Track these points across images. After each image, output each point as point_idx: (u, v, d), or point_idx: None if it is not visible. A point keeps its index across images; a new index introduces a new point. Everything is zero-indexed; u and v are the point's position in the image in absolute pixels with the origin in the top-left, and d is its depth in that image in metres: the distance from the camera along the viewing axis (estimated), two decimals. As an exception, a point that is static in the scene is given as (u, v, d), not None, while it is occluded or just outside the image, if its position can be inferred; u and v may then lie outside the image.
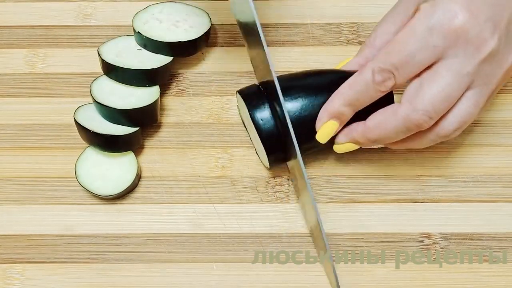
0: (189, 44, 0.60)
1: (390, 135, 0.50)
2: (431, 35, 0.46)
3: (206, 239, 0.55)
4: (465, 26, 0.46)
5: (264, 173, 0.57)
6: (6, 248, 0.55)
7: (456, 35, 0.46)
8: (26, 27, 0.66)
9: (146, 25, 0.61)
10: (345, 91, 0.50)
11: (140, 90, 0.58)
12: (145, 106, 0.56)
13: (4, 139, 0.59)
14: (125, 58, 0.59)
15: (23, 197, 0.57)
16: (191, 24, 0.61)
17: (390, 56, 0.47)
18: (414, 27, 0.47)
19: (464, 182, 0.56)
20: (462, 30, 0.46)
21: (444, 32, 0.46)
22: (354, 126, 0.52)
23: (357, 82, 0.49)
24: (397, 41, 0.47)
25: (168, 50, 0.59)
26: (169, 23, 0.61)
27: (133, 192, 0.57)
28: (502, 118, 0.59)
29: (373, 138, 0.51)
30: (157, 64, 0.58)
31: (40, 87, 0.62)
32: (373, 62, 0.49)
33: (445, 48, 0.46)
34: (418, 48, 0.47)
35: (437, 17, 0.46)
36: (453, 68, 0.47)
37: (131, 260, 0.54)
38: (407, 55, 0.47)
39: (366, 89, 0.49)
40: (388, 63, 0.48)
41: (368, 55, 0.53)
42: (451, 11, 0.46)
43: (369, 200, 0.56)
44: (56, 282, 0.53)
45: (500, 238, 0.54)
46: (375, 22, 0.56)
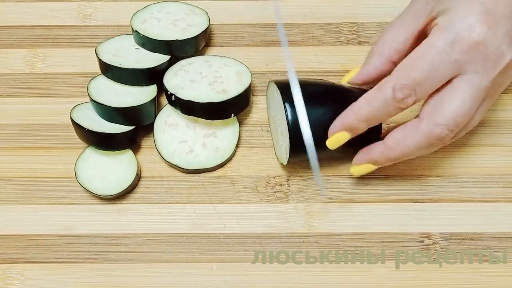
0: (186, 42, 0.59)
1: (411, 152, 0.49)
2: (452, 50, 0.46)
3: (206, 239, 0.55)
4: (484, 41, 0.46)
5: (264, 173, 0.57)
6: (6, 248, 0.55)
7: (476, 50, 0.46)
8: (26, 27, 0.66)
9: (144, 24, 0.61)
10: (362, 106, 0.49)
11: (138, 89, 0.58)
12: (141, 104, 0.56)
13: (4, 139, 0.59)
14: (122, 57, 0.59)
15: (23, 197, 0.57)
16: (189, 23, 0.61)
17: (411, 72, 0.47)
18: (434, 41, 0.47)
19: (464, 182, 0.56)
20: (482, 44, 0.46)
21: (464, 47, 0.46)
22: (372, 147, 0.51)
23: (375, 98, 0.48)
24: (416, 56, 0.47)
25: (165, 49, 0.59)
26: (167, 22, 0.61)
27: (133, 192, 0.57)
28: (502, 118, 0.59)
29: (394, 157, 0.50)
30: (154, 63, 0.58)
31: (40, 87, 0.62)
32: (392, 78, 0.48)
33: (465, 63, 0.46)
34: (439, 63, 0.46)
35: (456, 31, 0.46)
36: (473, 83, 0.47)
37: (131, 260, 0.54)
38: (429, 70, 0.46)
39: (385, 106, 0.48)
40: (409, 79, 0.47)
41: (376, 64, 0.52)
42: (469, 25, 0.46)
43: (369, 200, 0.56)
44: (56, 282, 0.53)
45: (500, 238, 0.54)
46: (375, 22, 0.56)
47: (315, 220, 0.55)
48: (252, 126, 0.60)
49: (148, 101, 0.57)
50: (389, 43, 0.51)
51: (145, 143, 0.59)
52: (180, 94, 0.57)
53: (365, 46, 0.63)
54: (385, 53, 0.51)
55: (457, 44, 0.46)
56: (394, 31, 0.52)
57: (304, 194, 0.56)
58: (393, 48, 0.51)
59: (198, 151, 0.57)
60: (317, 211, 0.55)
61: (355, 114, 0.49)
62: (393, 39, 0.51)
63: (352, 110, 0.50)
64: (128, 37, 0.61)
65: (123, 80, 0.58)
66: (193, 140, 0.58)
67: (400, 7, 0.65)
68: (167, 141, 0.57)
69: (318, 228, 0.55)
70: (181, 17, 0.62)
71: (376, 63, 0.52)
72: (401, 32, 0.51)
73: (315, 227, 0.55)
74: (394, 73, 0.48)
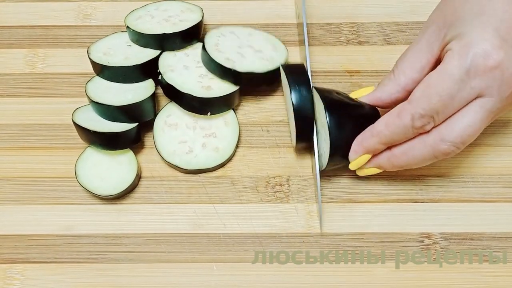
0: (174, 36, 0.59)
1: (416, 162, 0.51)
2: (469, 77, 0.46)
3: (206, 239, 0.55)
4: (501, 66, 0.46)
5: (264, 173, 0.57)
6: (6, 248, 0.55)
7: (492, 76, 0.46)
8: (26, 27, 0.66)
9: (138, 20, 0.61)
10: (382, 130, 0.50)
11: (136, 85, 0.58)
12: (141, 101, 0.56)
13: (4, 139, 0.59)
14: (113, 55, 0.59)
15: (23, 197, 0.57)
16: (182, 18, 0.61)
17: (430, 101, 0.47)
18: (450, 69, 0.47)
19: (464, 182, 0.56)
20: (498, 70, 0.46)
21: (480, 73, 0.46)
22: (379, 154, 0.52)
23: (395, 124, 0.49)
24: (433, 84, 0.48)
25: (155, 43, 0.59)
26: (160, 18, 0.61)
27: (133, 192, 0.57)
28: (502, 118, 0.59)
29: (399, 165, 0.51)
30: (142, 60, 0.58)
31: (40, 87, 0.62)
32: (411, 106, 0.48)
33: (482, 89, 0.47)
34: (457, 91, 0.47)
35: (472, 58, 0.46)
36: (487, 106, 0.47)
37: (131, 260, 0.54)
38: (446, 98, 0.47)
39: (404, 132, 0.49)
40: (427, 108, 0.48)
41: (392, 91, 0.52)
42: (485, 51, 0.46)
43: (369, 200, 0.56)
44: (56, 282, 0.53)
45: (500, 238, 0.54)
46: (375, 22, 0.56)
47: (315, 220, 0.55)
48: (252, 126, 0.60)
49: (147, 97, 0.57)
50: (405, 71, 0.52)
51: (145, 143, 0.59)
52: (167, 76, 0.57)
53: (365, 46, 0.63)
54: (402, 82, 0.52)
55: (473, 71, 0.46)
56: (409, 59, 0.52)
57: (304, 194, 0.56)
58: (410, 77, 0.51)
59: (198, 151, 0.57)
60: (317, 211, 0.55)
61: (376, 138, 0.51)
62: (409, 67, 0.52)
63: (372, 133, 0.51)
64: (122, 35, 0.61)
65: (114, 79, 0.58)
66: (193, 140, 0.58)
67: (401, 7, 0.66)
68: (167, 141, 0.57)
69: (318, 228, 0.55)
70: (175, 14, 0.62)
71: (391, 90, 0.52)
72: (417, 61, 0.51)
73: (315, 227, 0.55)
74: (413, 102, 0.49)
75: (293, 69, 0.56)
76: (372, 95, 0.53)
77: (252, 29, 0.62)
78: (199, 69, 0.58)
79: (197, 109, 0.57)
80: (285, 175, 0.57)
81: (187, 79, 0.57)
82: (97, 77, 0.59)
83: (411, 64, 0.51)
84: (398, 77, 0.52)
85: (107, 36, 0.61)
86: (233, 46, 0.59)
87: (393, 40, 0.63)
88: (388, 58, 0.62)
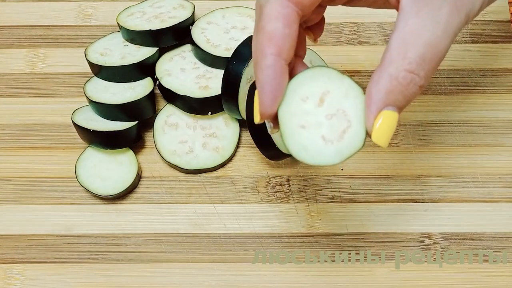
0: (162, 33, 0.59)
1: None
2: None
3: (206, 239, 0.55)
4: None
5: (264, 173, 0.57)
6: (6, 248, 0.55)
7: None
8: (26, 27, 0.66)
9: (129, 17, 0.61)
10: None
11: (134, 83, 0.58)
12: (139, 99, 0.56)
13: (4, 139, 0.59)
14: (109, 55, 0.59)
15: (23, 197, 0.57)
16: (172, 15, 0.61)
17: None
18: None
19: (464, 182, 0.56)
20: None
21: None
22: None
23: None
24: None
25: (145, 40, 0.59)
26: (151, 15, 0.61)
27: (133, 192, 0.57)
28: (502, 118, 0.59)
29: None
30: (139, 59, 0.58)
31: (40, 87, 0.62)
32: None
33: None
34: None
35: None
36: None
37: (131, 260, 0.54)
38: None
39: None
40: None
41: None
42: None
43: (369, 200, 0.56)
44: (56, 282, 0.53)
45: (500, 238, 0.54)
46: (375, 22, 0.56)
47: (315, 220, 0.55)
48: (252, 126, 0.60)
49: (146, 95, 0.57)
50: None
51: (146, 143, 0.59)
52: (164, 81, 0.57)
53: (365, 46, 0.63)
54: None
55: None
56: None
57: (305, 194, 0.56)
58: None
59: (198, 151, 0.57)
60: (317, 211, 0.55)
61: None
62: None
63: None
64: (118, 34, 0.61)
65: (112, 79, 0.58)
66: (193, 140, 0.58)
67: (400, 7, 0.65)
68: (167, 141, 0.57)
69: (318, 228, 0.55)
70: (167, 10, 0.61)
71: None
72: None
73: (315, 227, 0.55)
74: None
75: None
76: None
77: (221, 10, 0.62)
78: (196, 70, 0.58)
79: (197, 110, 0.57)
80: (285, 175, 0.57)
81: (184, 82, 0.57)
82: (95, 77, 0.59)
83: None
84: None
85: (104, 37, 0.61)
86: (220, 35, 0.59)
87: (393, 40, 0.63)
88: (388, 58, 0.62)
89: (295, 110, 0.39)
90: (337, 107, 0.39)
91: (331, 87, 0.40)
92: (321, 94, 0.40)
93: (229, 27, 0.60)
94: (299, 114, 0.39)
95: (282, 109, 0.39)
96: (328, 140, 0.39)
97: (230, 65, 0.54)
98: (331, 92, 0.40)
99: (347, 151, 0.38)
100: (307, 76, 0.40)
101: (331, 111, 0.39)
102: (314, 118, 0.39)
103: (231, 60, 0.54)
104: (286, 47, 0.37)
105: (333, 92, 0.40)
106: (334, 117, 0.39)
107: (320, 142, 0.39)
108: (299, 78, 0.40)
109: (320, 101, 0.40)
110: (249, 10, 0.62)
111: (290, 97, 0.39)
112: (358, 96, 0.39)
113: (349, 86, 0.40)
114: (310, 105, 0.39)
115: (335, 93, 0.40)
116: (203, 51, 0.58)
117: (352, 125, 0.39)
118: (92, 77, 0.59)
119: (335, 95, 0.40)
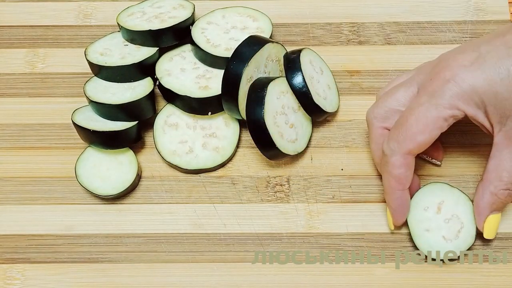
0: (161, 33, 0.59)
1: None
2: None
3: (206, 239, 0.55)
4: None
5: (264, 173, 0.57)
6: (6, 248, 0.55)
7: None
8: (26, 27, 0.66)
9: (129, 17, 0.60)
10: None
11: (134, 83, 0.58)
12: (139, 99, 0.56)
13: (4, 139, 0.59)
14: (109, 55, 0.59)
15: (23, 197, 0.57)
16: (172, 15, 0.60)
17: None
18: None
19: (464, 182, 0.56)
20: None
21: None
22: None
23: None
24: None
25: (145, 40, 0.59)
26: (151, 15, 0.61)
27: (133, 192, 0.57)
28: (502, 118, 0.59)
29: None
30: (138, 59, 0.58)
31: (40, 87, 0.62)
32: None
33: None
34: None
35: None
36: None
37: (131, 260, 0.54)
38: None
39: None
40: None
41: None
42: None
43: (369, 200, 0.56)
44: (56, 282, 0.53)
45: (500, 238, 0.54)
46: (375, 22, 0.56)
47: (315, 220, 0.55)
48: (252, 126, 0.60)
49: (146, 95, 0.57)
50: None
51: (146, 143, 0.59)
52: (164, 81, 0.57)
53: (365, 46, 0.63)
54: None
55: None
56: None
57: (305, 194, 0.56)
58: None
59: (198, 151, 0.57)
60: (317, 211, 0.55)
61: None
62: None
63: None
64: (118, 34, 0.61)
65: (112, 79, 0.58)
66: (193, 140, 0.58)
67: (401, 7, 0.66)
68: (167, 141, 0.57)
69: (318, 228, 0.55)
70: (167, 10, 0.61)
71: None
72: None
73: (315, 227, 0.55)
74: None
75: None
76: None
77: (221, 10, 0.62)
78: (196, 70, 0.58)
79: (197, 110, 0.57)
80: (286, 175, 0.57)
81: (184, 82, 0.57)
82: (95, 77, 0.59)
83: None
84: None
85: (104, 37, 0.61)
86: (220, 35, 0.59)
87: (394, 40, 0.63)
88: (388, 58, 0.62)
89: (420, 218, 0.53)
90: (451, 213, 0.53)
91: (445, 197, 0.53)
92: (438, 203, 0.53)
93: (229, 27, 0.60)
94: (423, 220, 0.52)
95: (409, 217, 0.53)
96: (448, 239, 0.52)
97: (230, 65, 0.54)
98: (445, 201, 0.53)
99: (463, 246, 0.52)
100: (425, 191, 0.53)
101: (447, 216, 0.53)
102: (435, 223, 0.52)
103: (231, 60, 0.54)
104: (408, 183, 0.51)
105: (447, 201, 0.53)
106: (450, 221, 0.52)
107: (442, 241, 0.52)
108: (420, 194, 0.53)
109: (438, 209, 0.53)
110: (249, 10, 0.62)
111: (415, 207, 0.53)
112: (466, 203, 0.53)
113: (458, 195, 0.53)
114: (431, 213, 0.53)
115: (448, 202, 0.53)
116: (203, 51, 0.58)
117: (464, 226, 0.52)
118: (92, 77, 0.59)
119: (449, 203, 0.53)
